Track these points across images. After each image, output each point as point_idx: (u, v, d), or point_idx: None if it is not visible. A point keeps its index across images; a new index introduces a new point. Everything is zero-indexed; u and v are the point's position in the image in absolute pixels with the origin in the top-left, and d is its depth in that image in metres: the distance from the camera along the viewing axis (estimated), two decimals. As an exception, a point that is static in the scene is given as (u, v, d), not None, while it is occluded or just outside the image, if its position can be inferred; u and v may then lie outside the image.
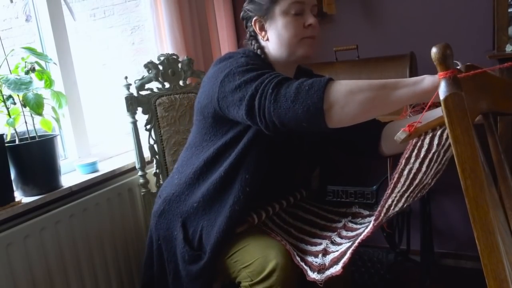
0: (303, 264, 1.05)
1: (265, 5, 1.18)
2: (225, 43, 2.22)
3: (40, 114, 1.33)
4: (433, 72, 0.71)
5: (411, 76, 1.74)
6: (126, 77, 1.66)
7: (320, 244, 1.14)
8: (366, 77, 1.84)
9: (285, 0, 1.16)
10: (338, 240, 1.15)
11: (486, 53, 1.76)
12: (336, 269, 0.99)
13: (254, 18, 1.21)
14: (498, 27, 1.80)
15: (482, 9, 1.90)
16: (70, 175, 1.60)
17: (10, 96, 1.32)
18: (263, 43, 1.23)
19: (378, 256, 1.89)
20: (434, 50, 0.66)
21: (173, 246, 1.24)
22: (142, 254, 1.41)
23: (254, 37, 1.25)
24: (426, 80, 0.85)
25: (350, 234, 1.16)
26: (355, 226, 1.21)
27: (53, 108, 1.40)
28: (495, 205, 0.77)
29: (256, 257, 1.10)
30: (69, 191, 1.46)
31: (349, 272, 1.38)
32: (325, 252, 1.09)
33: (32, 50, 1.33)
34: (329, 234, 1.20)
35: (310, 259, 1.07)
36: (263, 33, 1.21)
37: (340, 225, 1.25)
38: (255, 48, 1.23)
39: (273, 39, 1.19)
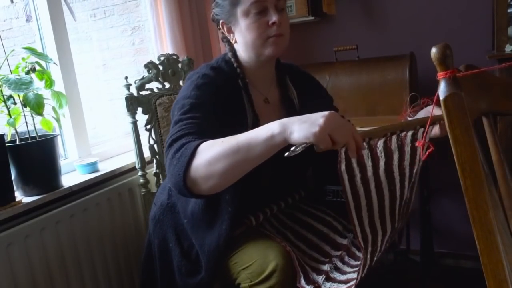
0: (299, 268, 1.06)
1: (228, 8, 1.16)
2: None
3: (40, 114, 1.33)
4: (433, 72, 0.70)
5: (410, 77, 1.74)
6: (126, 77, 1.66)
7: (323, 263, 1.14)
8: (366, 77, 1.84)
9: (245, 1, 1.13)
10: (340, 265, 1.14)
11: (486, 53, 1.76)
12: None
13: (221, 21, 1.20)
14: (498, 27, 1.80)
15: (482, 9, 1.91)
16: (70, 175, 1.60)
17: (10, 96, 1.32)
18: (234, 45, 1.21)
19: (378, 256, 1.89)
20: (434, 50, 0.66)
21: (169, 256, 1.25)
22: (142, 254, 1.41)
23: (227, 39, 1.23)
24: (277, 137, 0.81)
25: (353, 262, 1.15)
26: (357, 253, 1.19)
27: (53, 108, 1.40)
28: (495, 205, 0.77)
29: (255, 258, 1.10)
30: (69, 191, 1.46)
31: None
32: (327, 277, 1.08)
33: (32, 50, 1.33)
34: (327, 248, 1.19)
35: (310, 273, 1.07)
36: (231, 35, 1.20)
37: (339, 239, 1.23)
38: (228, 51, 1.22)
39: (240, 41, 1.18)
